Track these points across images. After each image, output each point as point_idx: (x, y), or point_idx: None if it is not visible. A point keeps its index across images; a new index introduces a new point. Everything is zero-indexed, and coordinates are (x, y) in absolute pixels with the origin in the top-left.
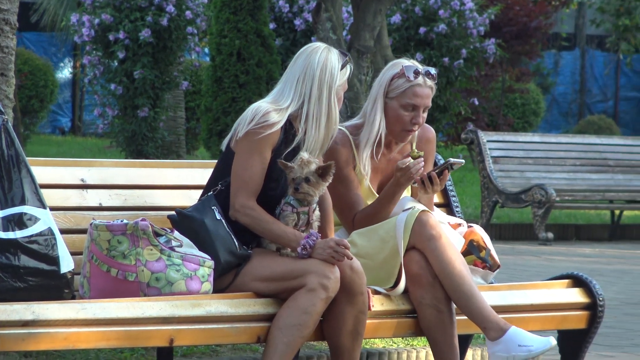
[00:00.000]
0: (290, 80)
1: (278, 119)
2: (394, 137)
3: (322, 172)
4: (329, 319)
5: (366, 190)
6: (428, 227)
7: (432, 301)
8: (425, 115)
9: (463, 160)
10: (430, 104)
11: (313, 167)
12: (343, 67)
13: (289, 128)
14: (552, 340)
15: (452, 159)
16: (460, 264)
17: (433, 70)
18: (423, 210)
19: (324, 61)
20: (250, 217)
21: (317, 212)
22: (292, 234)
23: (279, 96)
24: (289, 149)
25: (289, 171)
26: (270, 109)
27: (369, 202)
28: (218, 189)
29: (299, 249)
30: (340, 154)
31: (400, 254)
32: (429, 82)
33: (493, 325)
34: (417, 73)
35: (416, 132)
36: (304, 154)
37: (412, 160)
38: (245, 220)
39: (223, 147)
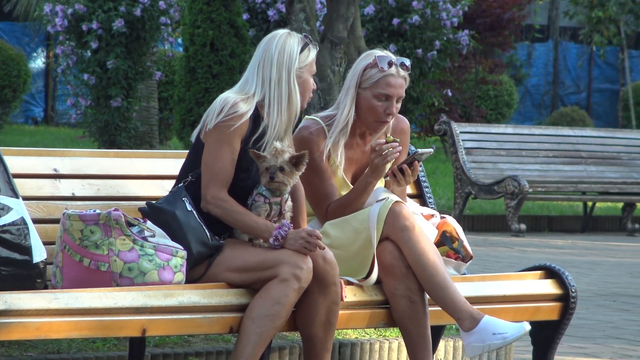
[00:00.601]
0: (252, 68)
1: (246, 109)
2: (368, 128)
3: (295, 162)
4: (301, 309)
5: (340, 181)
6: (401, 218)
7: (405, 292)
8: (398, 105)
9: (431, 150)
10: (403, 95)
11: (287, 156)
12: (303, 49)
13: (257, 116)
14: (527, 325)
15: (420, 150)
16: (433, 254)
17: (407, 61)
18: (396, 201)
19: (282, 44)
20: (222, 208)
21: (289, 203)
22: (264, 225)
23: (244, 85)
24: (255, 136)
25: (262, 161)
26: (237, 100)
27: (343, 193)
28: (188, 180)
29: (271, 240)
30: (314, 144)
31: (373, 245)
32: (402, 73)
33: (466, 315)
34: (390, 63)
35: (390, 123)
36: (276, 143)
37: (385, 142)
38: (216, 211)
39: (193, 138)
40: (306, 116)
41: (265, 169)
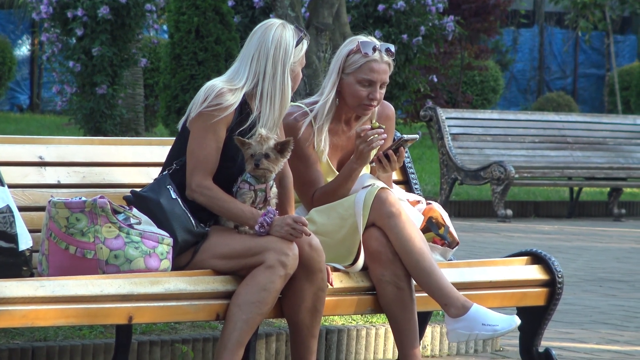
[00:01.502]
0: (246, 59)
1: (233, 101)
2: (355, 112)
3: (280, 148)
4: (287, 296)
5: (325, 167)
6: (387, 204)
7: (391, 278)
8: (383, 91)
9: (417, 135)
10: (387, 80)
11: (272, 143)
12: (298, 43)
13: (244, 107)
14: (517, 320)
15: (405, 135)
16: (420, 241)
17: (392, 47)
18: (382, 188)
19: (279, 38)
20: (207, 196)
21: (274, 189)
22: (250, 212)
23: (234, 75)
24: (243, 127)
25: (247, 147)
26: (224, 89)
27: (329, 179)
28: (173, 168)
29: (256, 227)
30: (300, 131)
31: (359, 232)
32: (386, 58)
33: (454, 302)
34: (374, 49)
35: (376, 109)
36: (261, 130)
37: (370, 129)
38: (202, 200)
39: (179, 126)
40: (291, 103)
41: (250, 155)
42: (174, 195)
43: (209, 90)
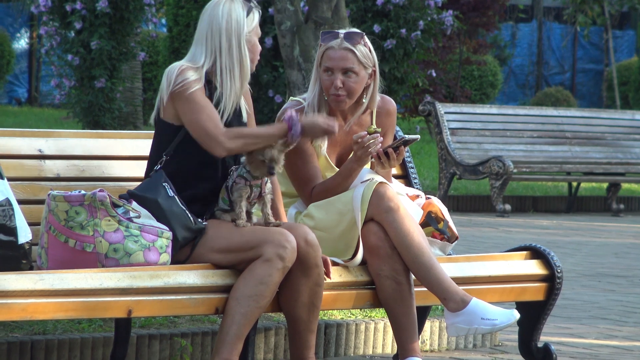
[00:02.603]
0: (200, 39)
1: (197, 76)
2: (331, 104)
3: (283, 148)
4: (284, 291)
5: (324, 162)
6: (386, 199)
7: (390, 273)
8: (352, 79)
9: (418, 136)
10: (350, 66)
11: (279, 146)
12: (249, 13)
13: (209, 86)
14: (516, 314)
15: (407, 136)
16: (418, 235)
17: (357, 32)
18: (381, 182)
19: (228, 12)
20: (237, 139)
21: (268, 185)
22: (276, 129)
23: (192, 57)
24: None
25: (257, 150)
26: (184, 66)
27: (328, 175)
28: (164, 160)
29: (290, 135)
30: None
31: (358, 226)
32: (346, 44)
33: (453, 296)
34: (333, 36)
35: (375, 105)
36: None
37: (367, 135)
38: (237, 146)
39: (152, 120)
40: (291, 97)
41: (260, 161)
42: (170, 193)
43: (169, 73)
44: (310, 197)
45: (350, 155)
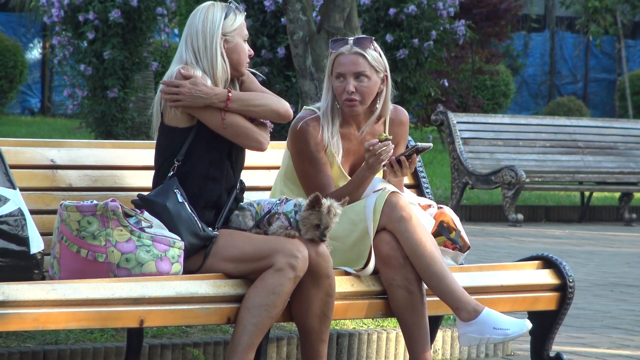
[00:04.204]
0: (183, 43)
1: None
2: (345, 112)
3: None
4: (296, 301)
5: (337, 172)
6: (398, 208)
7: (402, 282)
8: (364, 84)
9: (431, 144)
10: (362, 70)
11: (336, 218)
12: (227, 15)
13: None
14: (528, 324)
15: (419, 144)
16: (430, 244)
17: (366, 38)
18: (393, 192)
19: (205, 14)
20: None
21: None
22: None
23: (179, 57)
24: None
25: (316, 211)
26: (180, 67)
27: (341, 184)
28: (176, 166)
29: None
30: (309, 134)
31: (370, 236)
32: (356, 49)
33: (465, 305)
34: (343, 42)
35: (388, 111)
36: (334, 203)
37: (379, 142)
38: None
39: (155, 127)
40: (305, 107)
41: (315, 225)
42: (180, 199)
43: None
44: None
45: (363, 164)
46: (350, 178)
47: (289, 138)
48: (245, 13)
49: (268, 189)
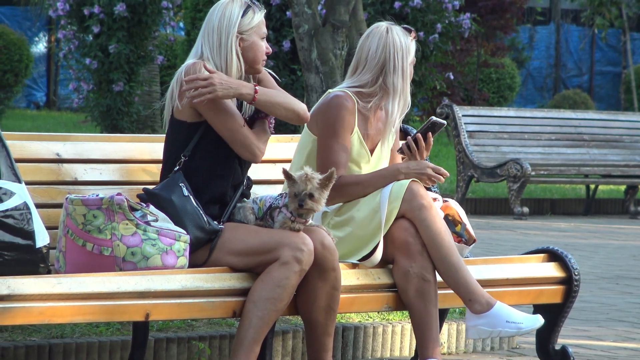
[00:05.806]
0: (200, 38)
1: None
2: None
3: (324, 183)
4: (301, 294)
5: (357, 142)
6: (419, 196)
7: (419, 270)
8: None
9: (445, 122)
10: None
11: (316, 182)
12: (245, 12)
13: None
14: (541, 319)
15: (434, 118)
16: (449, 235)
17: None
18: (413, 180)
19: (223, 11)
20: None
21: (310, 222)
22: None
23: (195, 52)
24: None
25: (291, 184)
26: (195, 63)
27: (357, 152)
28: (182, 161)
29: None
30: (344, 120)
31: (381, 225)
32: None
33: (479, 298)
34: (409, 31)
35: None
36: (307, 169)
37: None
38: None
39: (166, 120)
40: (329, 90)
41: (293, 194)
42: (186, 193)
43: (180, 76)
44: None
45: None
46: (368, 150)
47: (322, 111)
48: (265, 10)
49: (274, 182)
